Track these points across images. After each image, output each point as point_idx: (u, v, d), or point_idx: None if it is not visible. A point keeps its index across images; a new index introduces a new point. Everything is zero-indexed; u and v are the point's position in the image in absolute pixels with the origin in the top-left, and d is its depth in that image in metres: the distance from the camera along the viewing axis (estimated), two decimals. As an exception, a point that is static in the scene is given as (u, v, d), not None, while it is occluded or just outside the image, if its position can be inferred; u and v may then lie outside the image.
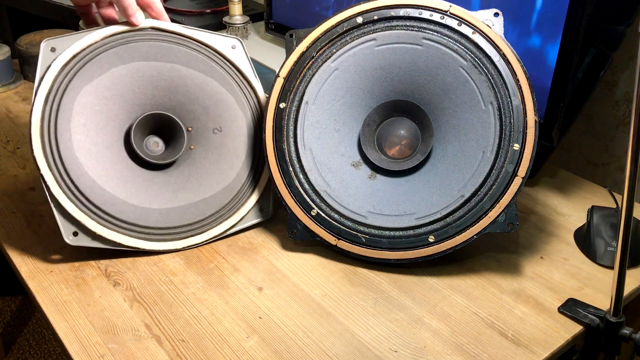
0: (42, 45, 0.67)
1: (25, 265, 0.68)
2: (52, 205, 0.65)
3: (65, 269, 0.68)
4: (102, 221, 0.66)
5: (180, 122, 0.71)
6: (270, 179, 0.70)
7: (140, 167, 0.70)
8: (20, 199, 0.80)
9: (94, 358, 0.57)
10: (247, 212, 0.72)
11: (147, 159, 0.69)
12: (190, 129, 0.71)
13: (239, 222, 0.72)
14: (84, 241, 0.66)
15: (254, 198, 0.72)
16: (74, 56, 0.68)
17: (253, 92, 0.73)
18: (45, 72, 0.66)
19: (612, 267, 0.68)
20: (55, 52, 0.67)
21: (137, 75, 0.69)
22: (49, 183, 0.65)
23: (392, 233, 0.66)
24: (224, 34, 0.73)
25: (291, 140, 0.70)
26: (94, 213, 0.66)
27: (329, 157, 0.70)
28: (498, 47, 0.66)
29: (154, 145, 0.72)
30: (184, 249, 0.70)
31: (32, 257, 0.69)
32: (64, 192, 0.65)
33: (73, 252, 0.69)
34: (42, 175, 0.64)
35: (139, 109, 0.70)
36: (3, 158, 0.89)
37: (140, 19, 0.70)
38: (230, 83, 0.72)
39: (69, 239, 0.66)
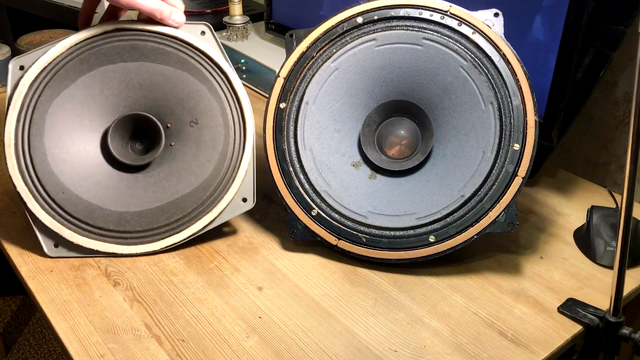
0: (10, 65, 0.68)
1: (25, 265, 0.68)
2: (30, 220, 0.67)
3: (65, 269, 0.68)
4: (79, 230, 0.67)
5: (155, 120, 0.69)
6: (251, 168, 0.69)
7: (120, 171, 0.69)
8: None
9: (94, 358, 0.57)
10: (228, 204, 0.69)
11: (125, 161, 0.69)
12: (169, 125, 0.70)
13: (219, 215, 0.69)
14: (63, 252, 0.68)
15: (233, 189, 0.69)
16: (42, 71, 0.68)
17: (225, 78, 0.70)
18: (13, 91, 0.67)
19: (611, 267, 0.68)
20: (24, 69, 0.68)
21: (106, 80, 0.69)
22: (25, 199, 0.66)
23: (392, 233, 0.66)
24: (191, 22, 0.71)
25: (291, 140, 0.70)
26: (71, 223, 0.67)
27: (329, 157, 0.70)
28: (498, 47, 0.66)
29: (138, 147, 0.71)
30: (162, 250, 0.69)
31: (32, 257, 0.69)
32: (41, 206, 0.66)
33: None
34: (18, 192, 0.66)
35: (115, 112, 0.70)
36: (3, 158, 0.89)
37: (179, 19, 0.69)
38: (202, 72, 0.69)
39: (50, 251, 0.68)
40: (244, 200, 0.70)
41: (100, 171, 0.69)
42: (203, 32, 0.71)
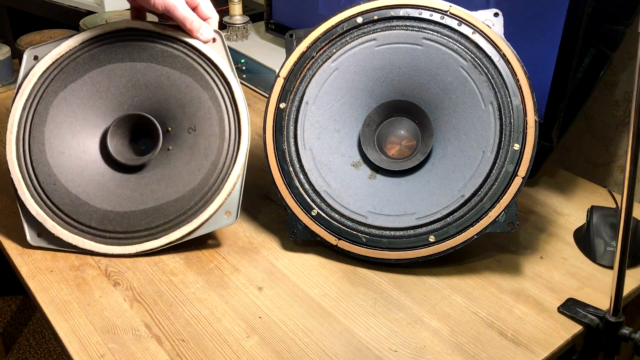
0: (26, 54, 0.69)
1: (25, 265, 0.68)
2: (18, 207, 0.68)
3: (65, 269, 0.68)
4: (62, 222, 0.67)
5: (156, 122, 0.69)
6: (239, 182, 0.68)
7: (115, 170, 0.69)
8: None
9: (94, 358, 0.57)
10: (210, 216, 0.67)
11: (120, 160, 0.69)
12: (169, 129, 0.70)
13: (200, 226, 0.67)
14: (44, 242, 0.68)
15: (218, 202, 0.67)
16: (53, 63, 0.69)
17: (228, 88, 0.69)
18: (24, 79, 0.69)
19: (611, 267, 0.68)
20: (37, 60, 0.69)
21: (113, 77, 0.70)
22: (16, 186, 0.67)
23: (392, 233, 0.66)
24: None
25: (291, 140, 0.70)
26: (56, 215, 0.67)
27: (329, 157, 0.70)
28: (498, 47, 0.66)
29: (141, 148, 0.71)
30: (137, 254, 0.68)
31: (32, 257, 0.69)
32: (31, 195, 0.67)
33: (73, 251, 0.69)
34: (11, 178, 0.67)
35: (119, 110, 0.70)
36: (3, 158, 0.89)
37: (207, 34, 0.69)
38: (206, 79, 0.69)
39: (33, 240, 0.68)
40: (227, 214, 0.68)
41: (94, 167, 0.69)
42: (214, 40, 0.70)
